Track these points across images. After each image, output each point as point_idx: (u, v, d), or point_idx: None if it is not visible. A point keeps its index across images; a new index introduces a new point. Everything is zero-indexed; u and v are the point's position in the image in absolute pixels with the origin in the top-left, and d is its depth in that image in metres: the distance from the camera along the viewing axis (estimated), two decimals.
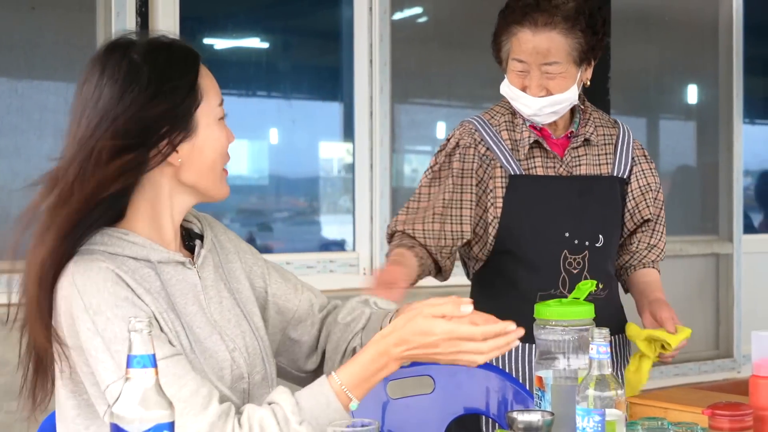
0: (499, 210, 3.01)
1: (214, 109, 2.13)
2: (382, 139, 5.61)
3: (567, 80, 2.96)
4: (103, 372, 1.95)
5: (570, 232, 3.01)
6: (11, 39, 4.76)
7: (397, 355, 1.99)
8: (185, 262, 2.14)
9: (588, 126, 3.10)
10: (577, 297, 2.39)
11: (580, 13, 2.94)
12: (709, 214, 7.08)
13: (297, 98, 6.05)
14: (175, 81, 2.07)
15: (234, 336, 2.16)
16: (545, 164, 3.04)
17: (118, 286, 1.99)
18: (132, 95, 2.03)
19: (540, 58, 2.93)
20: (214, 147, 2.13)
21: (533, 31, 2.92)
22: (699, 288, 6.94)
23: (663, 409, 2.40)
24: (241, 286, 2.27)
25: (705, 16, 7.11)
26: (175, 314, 2.06)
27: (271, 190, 6.06)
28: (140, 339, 1.68)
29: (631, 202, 3.16)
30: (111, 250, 2.04)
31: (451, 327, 1.97)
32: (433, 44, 6.15)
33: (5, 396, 4.36)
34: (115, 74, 2.04)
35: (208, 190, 2.15)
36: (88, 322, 1.96)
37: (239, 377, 2.13)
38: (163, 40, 2.13)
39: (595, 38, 2.98)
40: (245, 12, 5.84)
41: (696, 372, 6.76)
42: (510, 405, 2.72)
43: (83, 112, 2.05)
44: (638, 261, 3.21)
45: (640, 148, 3.20)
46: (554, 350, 2.27)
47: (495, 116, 3.09)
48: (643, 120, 7.15)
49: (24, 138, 4.76)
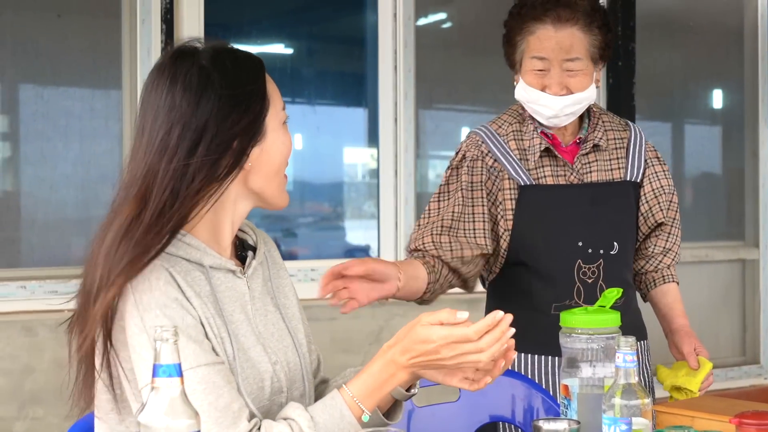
0: (510, 222, 2.97)
1: (279, 112, 2.17)
2: (407, 145, 5.61)
3: (587, 78, 2.94)
4: (145, 370, 1.95)
5: (583, 242, 2.97)
6: (37, 46, 4.78)
7: (404, 363, 1.99)
8: (236, 270, 2.15)
9: (597, 131, 3.06)
10: (603, 305, 2.38)
11: (596, 10, 2.95)
12: (735, 220, 7.05)
13: (321, 104, 6.05)
14: (247, 86, 2.10)
15: (277, 349, 2.16)
16: (555, 173, 3.00)
17: (170, 285, 2.00)
18: (208, 101, 2.04)
19: (563, 54, 2.90)
20: (281, 150, 2.17)
21: (556, 27, 2.90)
22: (725, 294, 6.91)
23: (690, 417, 2.39)
24: (288, 302, 2.28)
25: (730, 21, 7.08)
26: (222, 320, 2.06)
27: (295, 196, 6.06)
28: (166, 348, 1.68)
29: (645, 206, 3.12)
30: (167, 250, 2.04)
31: (447, 332, 1.97)
32: (458, 50, 6.15)
33: (31, 403, 4.37)
34: (187, 81, 2.06)
35: (273, 197, 2.19)
36: (137, 318, 1.97)
37: (278, 391, 2.13)
38: (226, 47, 2.16)
39: (610, 36, 2.97)
40: (269, 18, 5.85)
41: (722, 378, 6.72)
42: (536, 413, 2.71)
43: (155, 119, 2.05)
44: (654, 267, 3.17)
45: (652, 150, 3.16)
46: (580, 358, 2.26)
47: (503, 125, 3.06)
48: (668, 125, 7.12)
49: (50, 144, 4.78)
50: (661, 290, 3.17)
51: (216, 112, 2.04)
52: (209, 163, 2.03)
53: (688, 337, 3.05)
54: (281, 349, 2.18)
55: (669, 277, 3.18)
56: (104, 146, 4.78)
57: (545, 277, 2.98)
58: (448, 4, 6.22)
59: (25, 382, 4.36)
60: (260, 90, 2.13)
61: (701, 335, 3.18)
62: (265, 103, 2.12)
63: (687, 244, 6.64)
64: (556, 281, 2.97)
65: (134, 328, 1.97)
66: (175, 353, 1.68)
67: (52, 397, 4.30)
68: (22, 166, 4.79)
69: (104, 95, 4.94)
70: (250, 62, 2.15)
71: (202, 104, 2.04)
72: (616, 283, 2.95)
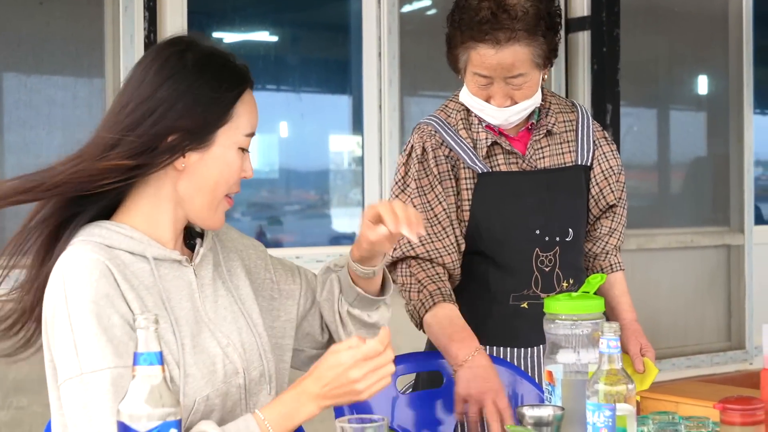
0: (467, 213, 2.91)
1: (239, 136, 2.13)
2: (392, 132, 5.60)
3: (532, 87, 2.84)
4: (61, 366, 1.96)
5: (540, 230, 2.92)
6: (19, 34, 4.76)
7: (314, 392, 2.01)
8: (182, 260, 2.14)
9: (549, 116, 2.98)
10: (586, 291, 2.38)
11: (540, 18, 2.80)
12: (720, 206, 7.06)
13: (306, 91, 6.04)
14: (215, 92, 2.09)
15: (229, 332, 2.17)
16: (507, 161, 2.93)
17: (103, 280, 1.99)
18: (170, 89, 2.06)
19: (504, 72, 2.79)
20: (221, 170, 2.13)
21: (496, 49, 2.77)
22: (710, 280, 6.92)
23: (674, 403, 2.39)
24: (240, 283, 2.28)
25: (714, 7, 7.09)
26: (164, 311, 2.06)
27: (281, 184, 6.05)
28: (146, 336, 1.67)
29: (595, 188, 3.05)
30: (107, 242, 2.05)
31: (354, 351, 1.99)
32: (442, 36, 6.12)
33: (15, 392, 4.36)
34: (164, 66, 2.08)
35: (198, 212, 2.15)
36: (64, 312, 1.97)
37: (233, 372, 2.13)
38: (222, 53, 2.16)
39: (556, 38, 2.86)
40: (253, 5, 5.84)
41: (708, 364, 6.74)
42: (520, 399, 2.71)
43: (125, 88, 2.10)
44: (601, 249, 3.09)
45: (599, 131, 3.08)
46: (564, 344, 2.26)
47: (451, 114, 2.98)
48: (654, 111, 7.13)
49: (33, 133, 4.76)
50: (609, 281, 3.09)
51: (171, 101, 2.05)
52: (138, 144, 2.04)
53: (634, 336, 2.98)
54: (234, 330, 2.18)
55: (616, 266, 3.11)
56: (88, 134, 4.74)
57: (503, 267, 2.92)
58: None
59: (9, 372, 4.35)
60: (227, 102, 2.11)
61: (687, 321, 3.18)
62: (224, 117, 2.10)
63: (672, 229, 6.67)
64: (515, 270, 2.91)
65: (60, 322, 1.97)
66: (155, 341, 1.68)
67: (35, 387, 4.28)
68: (5, 155, 4.77)
69: (87, 83, 4.92)
70: (235, 75, 2.14)
71: (164, 89, 2.06)
72: (571, 270, 2.93)
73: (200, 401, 2.05)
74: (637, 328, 3.01)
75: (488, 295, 2.92)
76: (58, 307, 1.98)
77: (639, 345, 2.96)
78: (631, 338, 2.98)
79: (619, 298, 3.08)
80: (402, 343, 5.18)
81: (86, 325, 1.94)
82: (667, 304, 6.53)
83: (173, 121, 2.05)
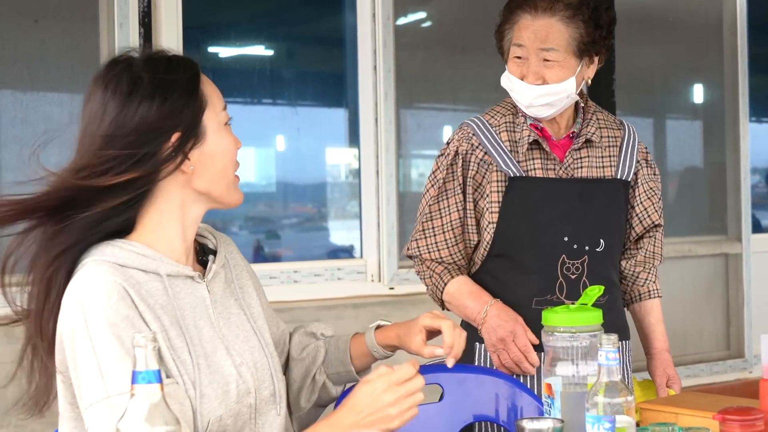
0: (495, 215, 2.97)
1: (219, 114, 2.16)
2: (388, 145, 5.60)
3: (565, 70, 2.92)
4: (87, 390, 1.96)
5: (569, 237, 2.96)
6: (15, 51, 4.76)
7: (348, 422, 2.00)
8: (194, 276, 2.14)
9: (590, 126, 3.05)
10: (585, 303, 2.38)
11: (583, 3, 2.93)
12: (717, 214, 7.06)
13: (302, 105, 6.04)
14: (178, 88, 2.09)
15: (242, 351, 2.16)
16: (545, 165, 2.99)
17: (122, 302, 1.98)
18: (136, 104, 2.05)
19: (538, 43, 2.90)
20: (224, 152, 2.15)
21: (533, 16, 2.91)
22: (708, 288, 6.92)
23: (674, 414, 2.39)
24: (252, 301, 2.28)
25: (709, 16, 7.10)
26: (179, 330, 2.06)
27: (278, 197, 6.05)
28: (145, 355, 1.67)
29: (639, 206, 3.11)
30: (121, 262, 2.04)
31: (387, 376, 2.01)
32: (438, 49, 6.14)
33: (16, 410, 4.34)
34: (118, 87, 2.07)
35: (221, 197, 2.17)
36: (85, 335, 1.96)
37: (246, 392, 2.13)
38: (161, 53, 2.16)
39: (598, 32, 2.94)
40: (248, 20, 5.83)
41: (707, 373, 6.74)
42: (519, 412, 2.70)
43: (88, 127, 2.09)
44: (642, 268, 3.15)
45: (644, 152, 3.15)
46: (563, 357, 2.26)
47: (495, 116, 3.06)
48: (650, 120, 7.14)
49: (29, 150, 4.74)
50: (646, 307, 3.17)
51: (145, 114, 2.05)
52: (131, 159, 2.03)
53: (662, 367, 3.11)
54: (247, 349, 2.19)
55: (654, 292, 3.17)
56: None
57: (528, 271, 2.97)
58: (428, 3, 6.21)
59: (9, 389, 4.34)
60: (192, 90, 2.12)
61: (686, 330, 3.20)
62: (200, 103, 2.12)
63: (670, 239, 6.66)
64: (539, 275, 2.96)
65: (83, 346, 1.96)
66: (154, 359, 1.67)
67: None
68: (1, 172, 4.76)
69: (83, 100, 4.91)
70: (183, 65, 2.15)
71: (131, 107, 2.05)
72: (600, 280, 2.93)
73: (214, 421, 2.05)
74: (667, 359, 3.09)
75: (512, 298, 2.98)
76: (77, 329, 1.97)
77: (666, 376, 3.05)
78: (658, 368, 3.06)
79: (654, 326, 3.15)
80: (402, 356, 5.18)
81: (109, 349, 1.94)
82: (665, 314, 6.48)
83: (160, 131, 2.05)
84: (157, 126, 2.05)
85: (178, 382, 2.01)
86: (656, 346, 3.13)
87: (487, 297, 2.97)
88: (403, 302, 5.41)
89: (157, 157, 2.06)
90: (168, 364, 2.02)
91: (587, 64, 2.99)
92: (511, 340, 2.89)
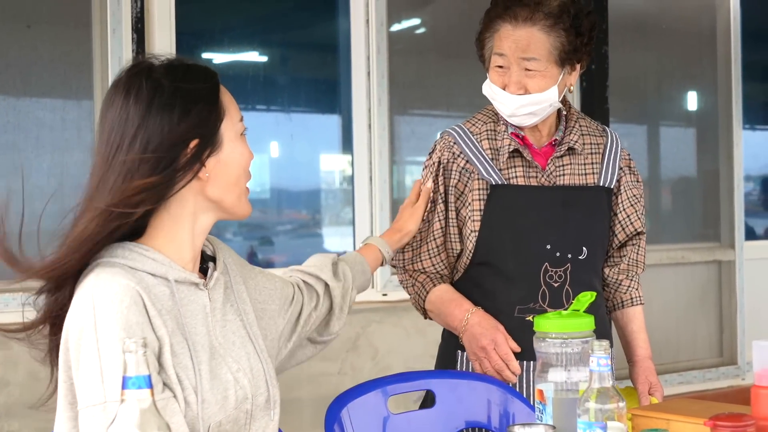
0: (477, 223, 2.96)
1: (236, 124, 2.18)
2: (381, 151, 5.60)
3: (546, 80, 2.91)
4: (85, 392, 1.95)
5: (552, 245, 2.95)
6: (7, 57, 4.76)
7: None
8: (199, 283, 2.15)
9: (573, 134, 3.03)
10: (576, 309, 2.37)
11: (563, 11, 2.90)
12: (711, 221, 7.07)
13: (296, 111, 6.04)
14: (199, 96, 2.12)
15: (238, 357, 2.18)
16: (527, 173, 2.98)
17: (134, 308, 1.99)
18: (158, 112, 2.07)
19: (519, 53, 2.89)
20: (239, 162, 2.18)
21: (514, 25, 2.89)
22: (701, 295, 6.92)
23: (665, 420, 2.39)
24: (247, 308, 2.29)
25: (703, 23, 7.11)
26: (182, 335, 2.07)
27: (272, 204, 6.05)
28: (135, 360, 1.67)
29: (622, 213, 3.10)
30: (131, 264, 2.06)
31: None
32: (431, 55, 6.14)
33: (6, 416, 4.34)
34: (140, 94, 2.08)
35: (232, 206, 2.20)
36: (92, 337, 1.96)
37: (243, 398, 2.14)
38: (181, 61, 2.18)
39: (579, 40, 2.93)
40: (242, 26, 5.84)
41: (700, 380, 6.74)
42: (511, 418, 2.70)
43: (111, 134, 2.08)
44: (626, 276, 3.14)
45: (626, 159, 3.13)
46: (555, 363, 2.26)
47: (476, 124, 3.05)
48: (643, 127, 7.14)
49: (22, 156, 4.75)
50: (628, 315, 3.15)
51: (166, 122, 2.06)
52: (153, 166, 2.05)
53: (644, 375, 3.07)
54: (243, 356, 2.20)
55: (637, 300, 3.15)
56: (77, 157, 4.75)
57: (510, 279, 2.96)
58: (421, 9, 6.22)
59: (0, 396, 4.33)
60: (213, 99, 2.14)
61: (678, 337, 3.20)
62: (218, 114, 2.14)
63: (663, 246, 6.67)
64: (522, 283, 2.95)
65: (87, 347, 1.96)
66: (144, 365, 1.67)
67: (27, 411, 4.26)
68: None
69: (76, 105, 4.92)
70: (203, 74, 2.17)
71: (153, 115, 2.06)
72: (583, 288, 2.90)
73: (213, 427, 2.07)
74: (649, 366, 3.07)
75: (494, 306, 2.96)
76: (85, 331, 1.97)
77: (648, 384, 3.03)
78: (641, 376, 3.05)
79: (636, 333, 3.14)
80: (395, 362, 5.18)
81: (114, 354, 1.94)
82: (658, 321, 6.53)
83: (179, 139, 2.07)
84: (179, 134, 2.07)
85: (175, 395, 2.01)
86: (639, 353, 3.11)
87: (468, 305, 2.96)
88: (396, 308, 5.41)
89: (176, 164, 2.07)
90: (168, 371, 2.02)
91: (569, 72, 2.97)
92: (492, 348, 2.87)
